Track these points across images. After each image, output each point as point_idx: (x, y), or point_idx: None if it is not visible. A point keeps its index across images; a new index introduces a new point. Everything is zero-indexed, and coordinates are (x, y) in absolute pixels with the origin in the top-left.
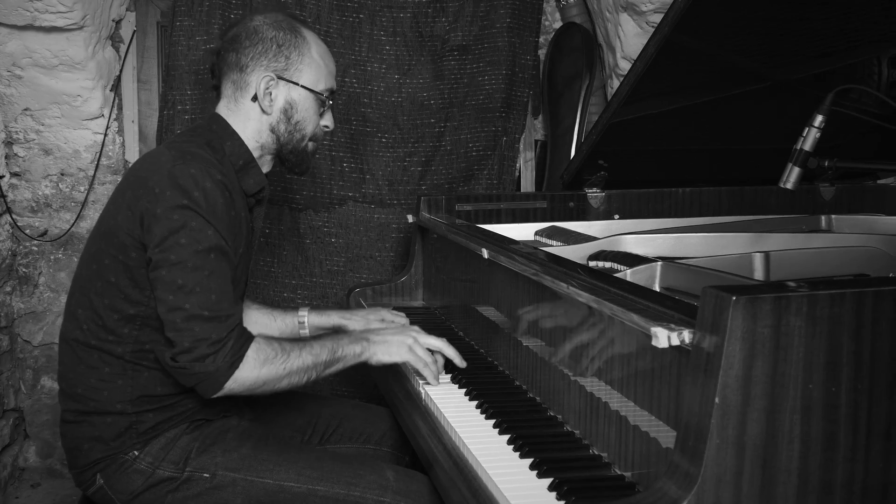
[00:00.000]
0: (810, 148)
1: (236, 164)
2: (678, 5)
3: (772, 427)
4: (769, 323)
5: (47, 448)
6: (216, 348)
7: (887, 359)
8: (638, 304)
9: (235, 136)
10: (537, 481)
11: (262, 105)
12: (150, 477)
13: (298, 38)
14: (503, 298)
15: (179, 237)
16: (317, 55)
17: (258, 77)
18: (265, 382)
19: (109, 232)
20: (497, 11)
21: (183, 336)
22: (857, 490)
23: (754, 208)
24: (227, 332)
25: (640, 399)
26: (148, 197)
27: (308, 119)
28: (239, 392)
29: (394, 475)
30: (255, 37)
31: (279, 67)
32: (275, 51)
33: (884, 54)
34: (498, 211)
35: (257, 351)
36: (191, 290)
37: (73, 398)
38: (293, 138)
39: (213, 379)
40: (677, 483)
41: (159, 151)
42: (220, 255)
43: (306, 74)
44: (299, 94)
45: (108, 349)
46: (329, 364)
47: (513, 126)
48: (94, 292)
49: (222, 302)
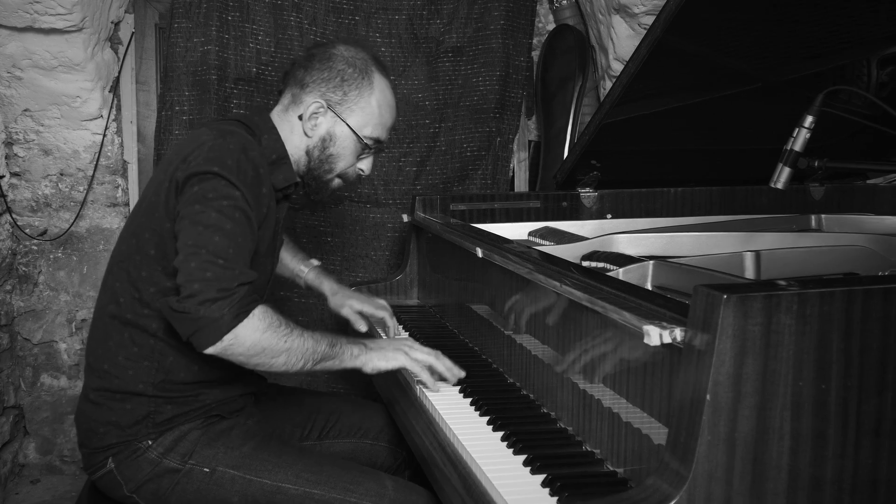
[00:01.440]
0: (800, 148)
1: (269, 158)
2: (670, 7)
3: (762, 424)
4: (760, 321)
5: (47, 445)
6: (224, 294)
7: (876, 356)
8: (630, 303)
9: (274, 132)
10: (531, 477)
11: (305, 127)
12: (157, 467)
13: (365, 81)
14: (497, 297)
15: (207, 192)
16: (376, 103)
17: (311, 99)
18: (263, 350)
19: (150, 208)
20: (491, 13)
21: (193, 278)
22: (846, 486)
23: (745, 208)
24: (237, 283)
25: (633, 396)
26: (184, 167)
27: (342, 157)
28: (236, 352)
29: (393, 484)
30: (327, 63)
31: (334, 99)
32: (337, 82)
33: (873, 56)
34: (492, 210)
35: (264, 313)
36: (209, 238)
37: (98, 374)
38: (321, 168)
39: (215, 326)
40: (669, 479)
41: (201, 132)
42: (245, 217)
43: (356, 116)
44: (342, 131)
45: (143, 325)
46: (326, 357)
47: (507, 126)
48: (133, 265)
49: (238, 259)
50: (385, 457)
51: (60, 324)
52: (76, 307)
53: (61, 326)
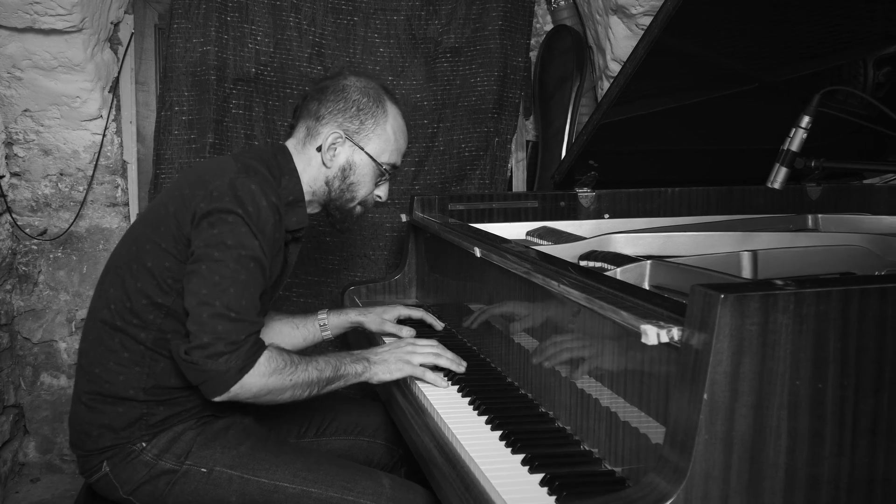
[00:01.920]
0: (797, 148)
1: (286, 199)
2: (667, 8)
3: (759, 423)
4: (757, 320)
5: (47, 443)
6: (232, 349)
7: (873, 356)
8: (628, 302)
9: (294, 174)
10: (529, 476)
11: (324, 158)
12: (153, 468)
13: (379, 109)
14: (495, 296)
15: (227, 238)
16: (391, 129)
17: (329, 130)
18: (269, 392)
19: (158, 220)
20: (489, 14)
21: (203, 330)
22: (843, 485)
23: (742, 208)
24: (245, 335)
25: (631, 395)
26: (205, 197)
27: (362, 184)
28: (243, 398)
29: (390, 483)
30: (341, 94)
31: (351, 129)
32: (353, 112)
33: (869, 56)
34: (490, 210)
35: (269, 360)
36: (224, 290)
37: (90, 377)
38: (343, 196)
39: (222, 379)
40: (667, 478)
41: (225, 160)
42: (259, 267)
43: (374, 143)
44: (361, 159)
45: (132, 333)
46: (331, 381)
47: (504, 127)
48: (129, 274)
49: (250, 309)
50: (382, 454)
51: (60, 323)
52: (76, 306)
53: (61, 326)
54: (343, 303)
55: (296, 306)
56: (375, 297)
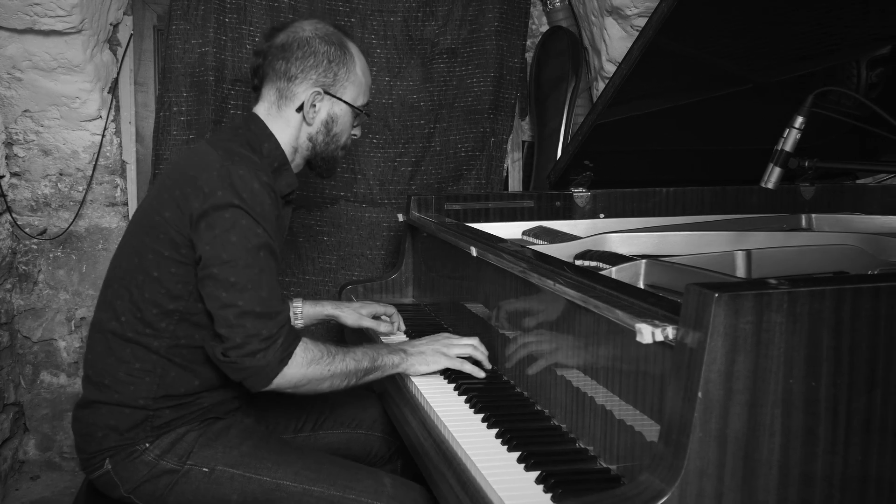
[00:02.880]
0: (791, 148)
1: (272, 166)
2: (662, 9)
3: (753, 421)
4: (751, 319)
5: (46, 441)
6: (267, 344)
7: (866, 354)
8: (623, 301)
9: (272, 139)
10: (525, 474)
11: (306, 117)
12: (154, 468)
13: (347, 55)
14: (491, 295)
15: (230, 235)
16: (360, 71)
17: (305, 89)
18: (309, 381)
19: (155, 227)
20: (485, 15)
21: (235, 332)
22: (836, 482)
23: (736, 207)
24: (277, 328)
25: (625, 394)
26: (198, 196)
27: (344, 132)
28: (284, 388)
29: (391, 482)
30: (307, 48)
31: (327, 83)
32: (325, 66)
33: (862, 57)
34: (486, 210)
35: (305, 350)
36: (243, 288)
37: (98, 387)
38: (328, 148)
39: (264, 374)
40: (661, 476)
41: (204, 150)
42: (269, 253)
43: (350, 90)
44: (341, 109)
45: (145, 343)
46: (368, 371)
47: (500, 127)
48: (135, 285)
49: (272, 299)
50: (379, 447)
51: (60, 322)
52: (75, 305)
53: (61, 324)
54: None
55: None
56: (372, 295)
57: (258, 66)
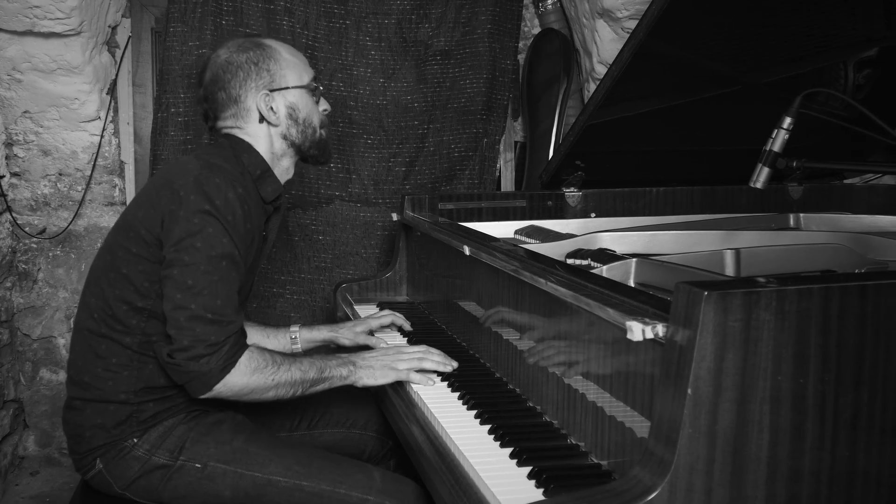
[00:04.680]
0: (779, 149)
1: (254, 174)
2: (652, 12)
3: (742, 417)
4: (740, 317)
5: (46, 437)
6: (212, 350)
7: (853, 352)
8: (613, 299)
9: (251, 149)
10: (517, 469)
11: (269, 120)
12: (146, 464)
13: (267, 50)
14: (484, 294)
15: (195, 240)
16: (288, 55)
17: (254, 99)
18: (252, 390)
19: (127, 226)
20: (478, 18)
21: (183, 334)
22: (824, 478)
23: (725, 207)
24: (225, 336)
25: (616, 390)
26: (172, 198)
27: (311, 113)
28: (227, 396)
29: (381, 476)
30: (232, 66)
31: (266, 82)
32: (255, 70)
33: (849, 59)
34: (479, 209)
35: (249, 359)
36: (198, 292)
37: (80, 385)
38: (307, 135)
39: (205, 379)
40: (651, 471)
41: (187, 160)
42: (232, 263)
43: (290, 75)
44: (294, 95)
45: (117, 339)
46: (315, 382)
47: (493, 128)
48: (107, 283)
49: (226, 308)
50: (373, 446)
51: (59, 320)
52: (74, 304)
53: (60, 322)
54: (336, 300)
55: (289, 303)
56: (367, 294)
57: (206, 110)
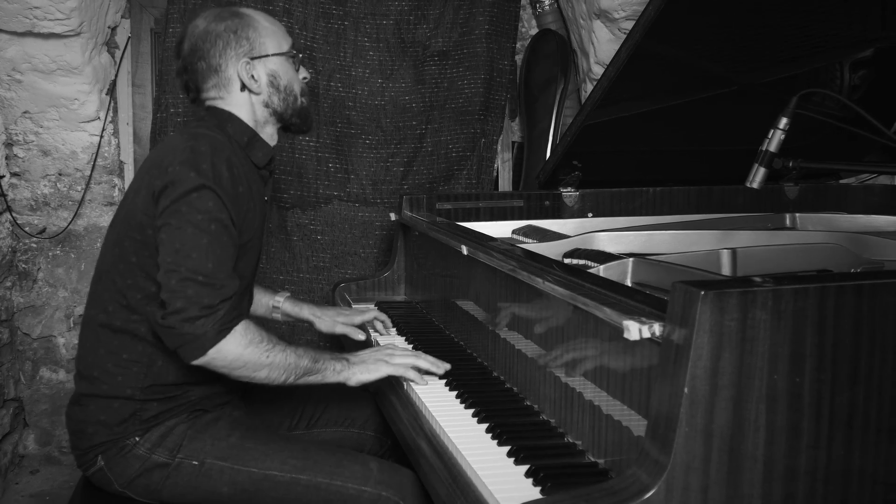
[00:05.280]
0: (775, 149)
1: (241, 141)
2: (649, 13)
3: (738, 416)
4: (736, 316)
5: (46, 436)
6: (207, 312)
7: (848, 351)
8: (610, 299)
9: (234, 117)
10: (514, 468)
11: (251, 88)
12: (146, 462)
13: (245, 18)
14: (482, 293)
15: (181, 205)
16: (267, 23)
17: (235, 68)
18: (245, 364)
19: (129, 214)
20: (476, 19)
21: (176, 296)
22: (819, 476)
23: (722, 207)
24: (219, 300)
25: (613, 389)
26: (161, 175)
27: (291, 80)
28: (219, 365)
29: (377, 466)
30: (211, 36)
31: (246, 50)
32: (234, 38)
33: (845, 59)
34: (477, 209)
35: (246, 329)
36: (187, 254)
37: (88, 380)
38: (288, 102)
39: (199, 343)
40: (648, 470)
41: (173, 138)
42: (221, 227)
43: (269, 43)
44: (275, 63)
45: (132, 330)
46: (309, 371)
47: (491, 128)
48: (118, 274)
49: (218, 271)
50: (372, 444)
51: (59, 319)
52: (74, 303)
53: (60, 321)
54: (334, 299)
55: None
56: (366, 293)
57: (186, 81)
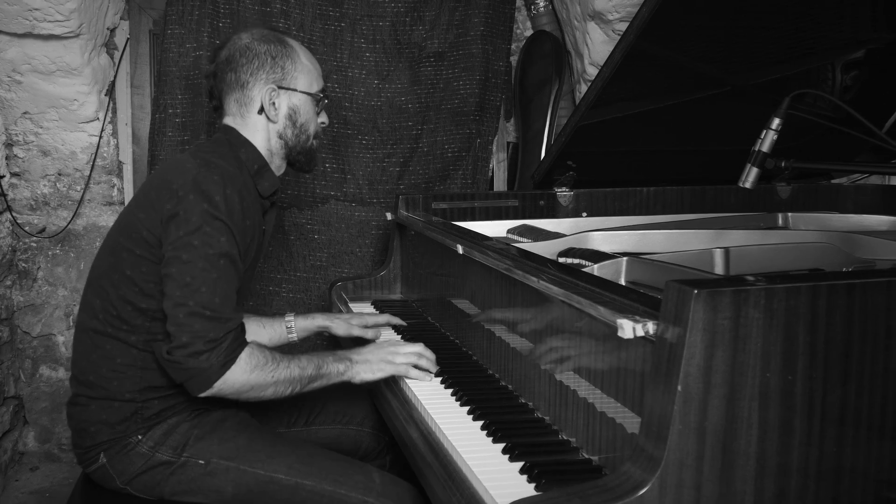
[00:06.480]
0: (768, 149)
1: (252, 169)
2: (643, 14)
3: (731, 413)
4: (729, 315)
5: (45, 434)
6: (211, 346)
7: (840, 349)
8: (604, 297)
9: (248, 144)
10: (509, 465)
11: (269, 115)
12: (150, 460)
13: (288, 48)
14: (477, 292)
15: (193, 238)
16: (306, 60)
17: (260, 90)
18: (252, 388)
19: (129, 227)
20: (471, 20)
21: (182, 331)
22: (811, 473)
23: (715, 206)
24: (224, 332)
25: (607, 387)
26: (171, 198)
27: (310, 120)
28: (227, 394)
29: (380, 478)
30: (250, 53)
31: (277, 78)
32: (270, 63)
33: (837, 60)
34: (472, 209)
35: (250, 356)
36: (196, 289)
37: (85, 384)
38: (300, 140)
39: (205, 376)
40: (642, 467)
41: (184, 159)
42: (230, 262)
43: (301, 80)
44: (299, 99)
45: (123, 338)
46: (313, 379)
47: (486, 128)
48: (111, 284)
49: (224, 305)
50: (369, 442)
51: (58, 317)
52: (73, 302)
53: (59, 320)
54: (331, 298)
55: (285, 301)
56: (362, 292)
57: (212, 86)
